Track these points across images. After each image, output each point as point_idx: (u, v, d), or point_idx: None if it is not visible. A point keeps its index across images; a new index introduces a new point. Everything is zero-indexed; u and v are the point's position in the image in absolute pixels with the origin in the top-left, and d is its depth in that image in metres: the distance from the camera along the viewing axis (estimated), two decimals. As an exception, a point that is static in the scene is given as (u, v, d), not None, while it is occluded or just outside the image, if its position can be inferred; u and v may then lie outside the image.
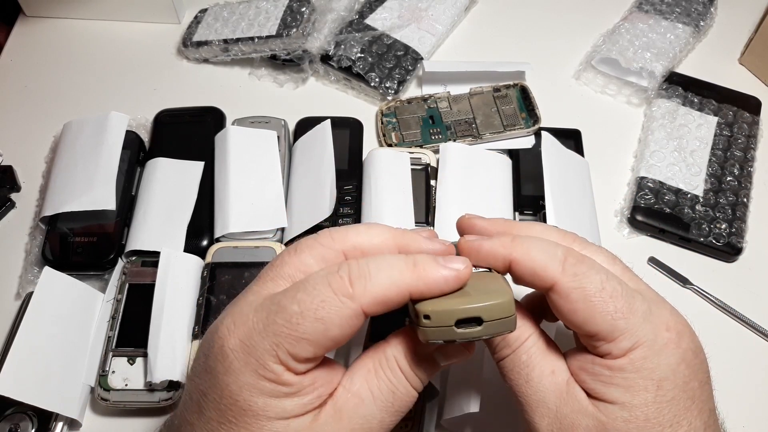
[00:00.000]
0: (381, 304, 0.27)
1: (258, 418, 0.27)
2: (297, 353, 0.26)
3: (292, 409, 0.27)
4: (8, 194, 0.58)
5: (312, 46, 0.63)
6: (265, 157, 0.56)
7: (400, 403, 0.29)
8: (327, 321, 0.26)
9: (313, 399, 0.28)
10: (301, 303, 0.27)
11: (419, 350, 0.30)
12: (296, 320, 0.26)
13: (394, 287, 0.27)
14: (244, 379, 0.26)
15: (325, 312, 0.26)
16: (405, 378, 0.29)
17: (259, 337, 0.26)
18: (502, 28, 0.70)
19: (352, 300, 0.27)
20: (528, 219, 0.54)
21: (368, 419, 0.28)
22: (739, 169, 0.58)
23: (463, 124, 0.60)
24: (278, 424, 0.27)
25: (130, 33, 0.70)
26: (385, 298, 0.27)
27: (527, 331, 0.31)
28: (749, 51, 0.67)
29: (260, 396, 0.26)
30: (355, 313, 0.27)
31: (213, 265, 0.50)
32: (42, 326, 0.45)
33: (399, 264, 0.28)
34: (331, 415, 0.28)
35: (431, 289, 0.28)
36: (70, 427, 0.46)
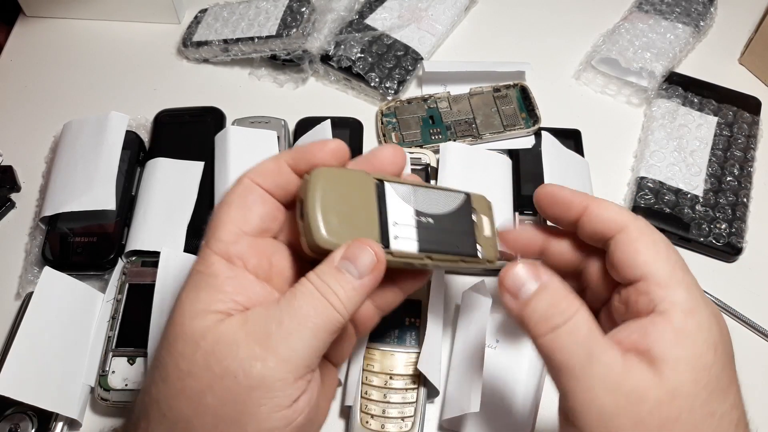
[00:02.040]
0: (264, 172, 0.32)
1: (176, 308, 0.29)
2: (220, 235, 0.31)
3: (204, 299, 0.29)
4: (8, 194, 0.58)
5: (312, 46, 0.63)
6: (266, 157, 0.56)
7: (301, 301, 0.28)
8: (225, 200, 0.32)
9: (227, 297, 0.29)
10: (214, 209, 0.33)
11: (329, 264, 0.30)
12: (212, 217, 0.32)
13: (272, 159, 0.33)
14: (185, 282, 0.30)
15: (224, 198, 0.32)
16: (310, 284, 0.29)
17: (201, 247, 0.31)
18: (502, 28, 0.70)
19: (239, 180, 0.32)
20: (528, 219, 0.54)
21: (268, 320, 0.28)
22: (739, 169, 0.58)
23: (463, 124, 0.60)
24: (188, 313, 0.28)
25: (130, 33, 0.70)
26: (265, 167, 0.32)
27: (577, 302, 0.29)
28: (749, 51, 0.67)
29: (185, 289, 0.29)
30: (243, 184, 0.32)
31: (213, 265, 0.50)
32: (42, 326, 0.45)
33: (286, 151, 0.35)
34: (237, 321, 0.28)
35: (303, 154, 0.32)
36: (70, 427, 0.46)
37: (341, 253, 0.30)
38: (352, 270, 0.29)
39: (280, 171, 0.32)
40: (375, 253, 0.30)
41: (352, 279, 0.29)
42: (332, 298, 0.29)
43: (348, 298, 0.29)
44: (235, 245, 0.30)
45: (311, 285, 0.29)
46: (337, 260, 0.30)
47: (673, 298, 0.28)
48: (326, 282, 0.29)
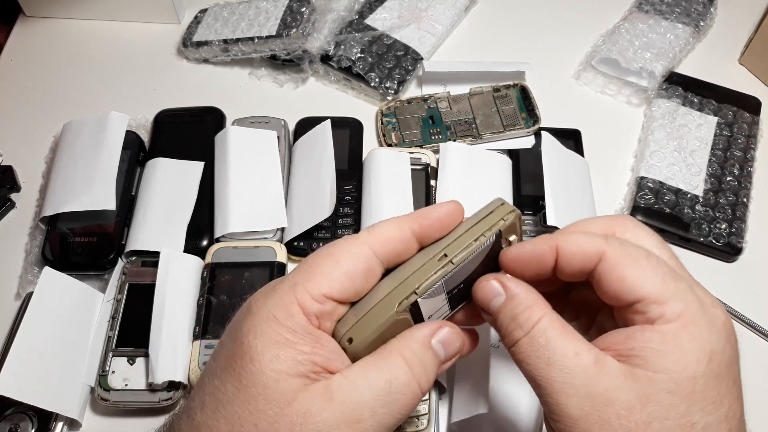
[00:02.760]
0: (385, 240, 0.30)
1: (253, 362, 0.27)
2: (311, 287, 0.28)
3: (285, 359, 0.27)
4: (8, 194, 0.58)
5: (312, 46, 0.63)
6: (265, 157, 0.56)
7: (397, 394, 0.28)
8: (336, 254, 0.29)
9: (306, 358, 0.27)
10: (315, 252, 0.30)
11: (422, 343, 0.30)
12: (309, 260, 0.29)
13: (394, 226, 0.30)
14: (254, 322, 0.28)
15: (334, 248, 0.30)
16: (406, 366, 0.28)
17: (279, 284, 0.29)
18: (502, 28, 0.70)
19: (357, 238, 0.30)
20: (528, 219, 0.54)
21: (359, 406, 0.27)
22: (739, 169, 0.58)
23: (463, 124, 0.60)
24: (269, 374, 0.27)
25: (130, 33, 0.70)
26: (387, 235, 0.30)
27: (539, 311, 0.29)
28: (749, 51, 0.67)
29: (262, 337, 0.27)
30: (360, 246, 0.29)
31: (213, 266, 0.50)
32: (42, 326, 0.45)
33: (398, 216, 0.31)
34: (321, 392, 0.27)
35: (430, 221, 0.31)
36: (70, 427, 0.46)
37: (433, 331, 0.30)
38: (441, 354, 0.30)
39: (402, 240, 0.31)
40: (461, 341, 0.30)
41: (440, 363, 0.30)
42: (425, 385, 0.29)
43: (432, 382, 0.29)
44: (321, 305, 0.29)
45: (406, 367, 0.28)
46: (435, 343, 0.30)
47: (670, 312, 0.27)
48: (425, 366, 0.29)
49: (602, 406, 0.26)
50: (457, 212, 0.31)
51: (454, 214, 0.31)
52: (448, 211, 0.31)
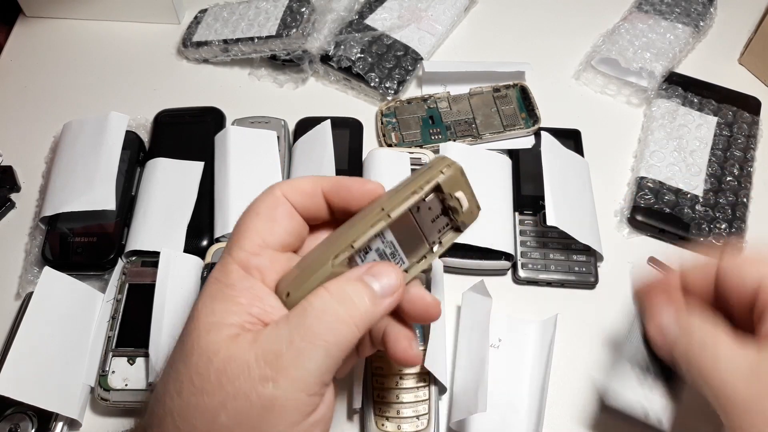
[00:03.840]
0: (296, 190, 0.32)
1: (192, 319, 0.28)
2: (243, 244, 0.30)
3: (219, 311, 0.28)
4: (8, 194, 0.58)
5: (312, 46, 0.63)
6: (265, 157, 0.56)
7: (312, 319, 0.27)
8: (253, 208, 0.31)
9: (242, 309, 0.28)
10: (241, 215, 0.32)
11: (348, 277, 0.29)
12: (237, 224, 0.31)
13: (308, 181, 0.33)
14: (202, 289, 0.30)
15: (253, 205, 0.32)
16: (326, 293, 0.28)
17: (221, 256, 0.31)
18: (502, 28, 0.70)
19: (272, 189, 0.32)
20: (528, 219, 0.54)
21: (277, 340, 0.27)
22: (739, 169, 0.58)
23: (462, 124, 0.60)
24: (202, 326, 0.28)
25: (130, 33, 0.70)
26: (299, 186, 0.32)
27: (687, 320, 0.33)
28: (749, 51, 0.67)
29: (202, 298, 0.29)
30: (275, 196, 0.31)
31: (213, 266, 0.50)
32: (42, 326, 0.45)
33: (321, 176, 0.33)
34: (248, 338, 0.27)
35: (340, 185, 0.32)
36: (70, 427, 0.46)
37: (364, 269, 0.29)
38: (375, 285, 0.29)
39: (314, 194, 0.32)
40: (398, 275, 0.30)
41: (374, 293, 0.29)
42: (352, 311, 0.28)
43: (366, 311, 0.28)
44: (257, 257, 0.30)
45: (328, 298, 0.28)
46: (362, 272, 0.29)
47: None
48: (347, 291, 0.28)
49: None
50: (374, 192, 0.32)
51: (371, 192, 0.32)
52: (362, 186, 0.32)
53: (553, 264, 0.52)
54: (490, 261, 0.52)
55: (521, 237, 0.53)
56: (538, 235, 0.53)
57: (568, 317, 0.49)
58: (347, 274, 0.29)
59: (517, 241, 0.53)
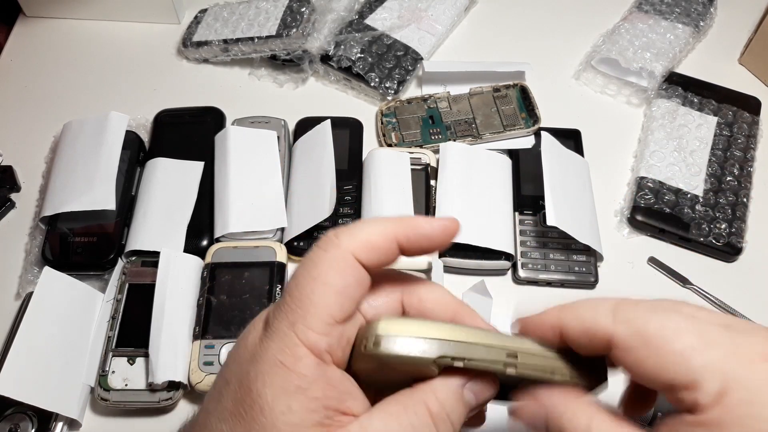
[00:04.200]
0: (369, 248, 0.27)
1: (263, 413, 0.25)
2: (310, 322, 0.26)
3: (297, 410, 0.25)
4: (8, 194, 0.58)
5: (312, 46, 0.63)
6: (265, 157, 0.56)
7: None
8: (322, 275, 0.26)
9: (319, 405, 0.26)
10: (297, 276, 0.27)
11: (453, 392, 0.28)
12: (296, 292, 0.26)
13: (379, 233, 0.27)
14: (262, 368, 0.26)
15: (317, 269, 0.26)
16: (430, 419, 0.26)
17: (276, 322, 0.26)
18: (502, 28, 0.70)
19: (338, 248, 0.27)
20: (528, 219, 0.54)
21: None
22: (739, 169, 0.58)
23: (462, 124, 0.60)
24: (282, 427, 0.25)
25: (130, 33, 0.70)
26: (371, 241, 0.27)
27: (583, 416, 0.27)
28: (749, 51, 0.67)
29: (271, 387, 0.25)
30: (344, 258, 0.26)
31: (213, 266, 0.50)
32: (42, 326, 0.45)
33: (385, 218, 0.28)
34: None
35: (418, 234, 0.28)
36: (70, 427, 0.46)
37: (465, 379, 0.27)
38: (472, 402, 0.27)
39: (388, 250, 0.28)
40: (496, 388, 0.28)
41: (468, 411, 0.27)
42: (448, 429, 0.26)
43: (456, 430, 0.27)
44: (327, 338, 0.26)
45: (429, 418, 0.26)
46: (467, 394, 0.27)
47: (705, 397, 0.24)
48: (452, 421, 0.27)
49: None
50: (452, 229, 0.29)
51: (449, 230, 0.29)
52: (442, 226, 0.28)
53: (553, 264, 0.52)
54: (490, 261, 0.52)
55: (521, 237, 0.53)
56: (538, 235, 0.53)
57: (568, 317, 0.49)
58: (450, 383, 0.27)
59: (517, 241, 0.53)
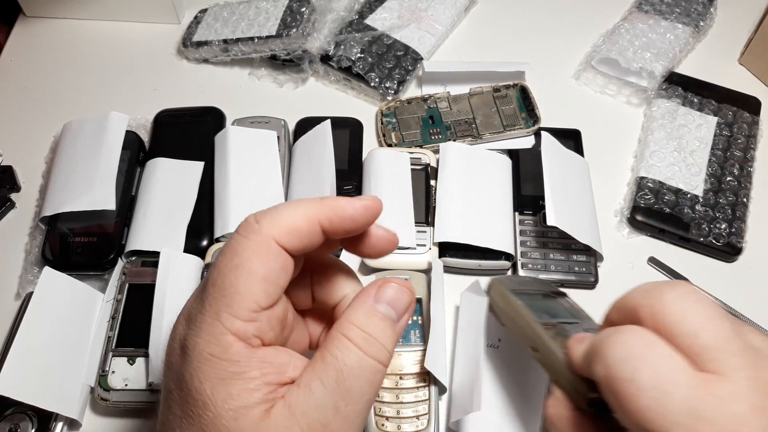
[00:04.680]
0: (291, 232, 0.27)
1: (207, 407, 0.25)
2: (236, 311, 0.25)
3: (237, 394, 0.25)
4: (8, 194, 0.58)
5: (312, 46, 0.63)
6: (265, 157, 0.56)
7: (351, 381, 0.26)
8: (244, 263, 0.26)
9: (258, 383, 0.25)
10: (218, 264, 0.26)
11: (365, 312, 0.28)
12: (219, 281, 0.26)
13: (301, 216, 0.27)
14: (194, 365, 0.26)
15: (239, 257, 0.26)
16: (353, 346, 0.26)
17: (200, 315, 0.26)
18: (502, 28, 0.70)
19: (259, 234, 0.26)
20: (528, 219, 0.54)
21: (320, 409, 0.25)
22: (739, 169, 0.58)
23: (463, 124, 0.60)
24: (227, 414, 0.25)
25: (130, 33, 0.70)
26: (293, 226, 0.27)
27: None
28: (749, 51, 0.67)
29: (207, 380, 0.25)
30: (266, 244, 0.26)
31: (213, 266, 0.50)
32: (42, 326, 0.45)
33: (306, 200, 0.28)
34: (282, 412, 0.25)
35: (341, 216, 0.27)
36: (70, 427, 0.46)
37: (373, 294, 0.28)
38: (392, 314, 0.28)
39: (311, 233, 0.27)
40: (406, 291, 0.28)
41: (394, 325, 0.28)
42: (381, 354, 0.26)
43: (392, 346, 0.27)
44: (253, 324, 0.26)
45: (357, 351, 0.26)
46: (380, 307, 0.28)
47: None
48: (372, 334, 0.27)
49: None
50: (374, 209, 0.29)
51: (372, 210, 0.29)
52: (364, 206, 0.28)
53: (553, 264, 0.52)
54: (490, 261, 0.52)
55: (521, 237, 0.53)
56: (538, 235, 0.53)
57: (568, 317, 0.49)
58: (360, 305, 0.28)
59: (517, 241, 0.53)
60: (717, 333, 0.25)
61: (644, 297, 0.27)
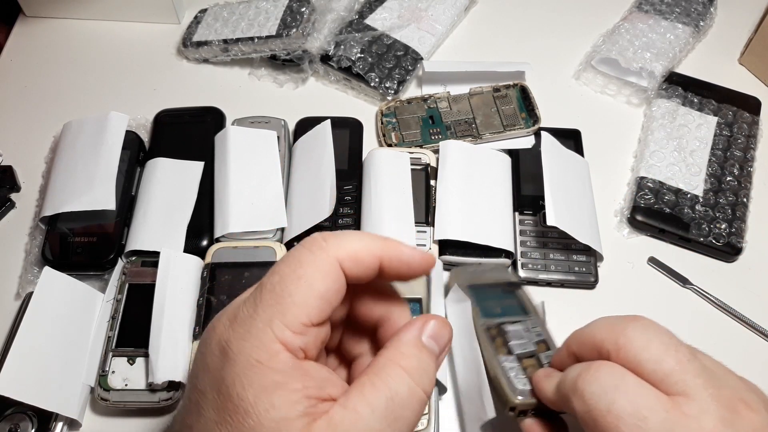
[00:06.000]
0: (354, 259, 0.27)
1: (249, 415, 0.25)
2: (289, 321, 0.26)
3: (280, 405, 0.25)
4: (8, 194, 0.58)
5: (312, 46, 0.63)
6: (265, 157, 0.56)
7: (401, 410, 0.26)
8: (306, 276, 0.26)
9: (300, 396, 0.26)
10: (280, 271, 0.27)
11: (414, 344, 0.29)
12: (279, 288, 0.26)
13: (365, 248, 0.28)
14: (237, 370, 0.26)
15: (303, 269, 0.27)
16: (405, 375, 0.27)
17: (250, 319, 0.26)
18: (502, 28, 0.70)
19: (326, 252, 0.27)
20: (528, 219, 0.54)
21: (365, 429, 0.25)
22: (739, 169, 0.58)
23: (462, 124, 0.60)
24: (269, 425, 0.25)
25: (130, 33, 0.70)
26: (357, 254, 0.28)
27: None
28: (749, 51, 0.67)
29: (250, 387, 0.25)
30: (330, 263, 0.27)
31: (213, 266, 0.50)
32: (42, 326, 0.45)
33: (371, 234, 0.29)
34: (324, 427, 0.25)
35: (400, 260, 0.29)
36: (70, 427, 0.46)
37: (421, 327, 0.29)
38: (435, 348, 0.29)
39: (370, 266, 0.28)
40: (448, 328, 0.30)
41: (436, 358, 0.29)
42: (429, 387, 0.27)
43: (434, 379, 0.28)
44: (302, 337, 0.26)
45: (407, 378, 0.27)
46: (426, 340, 0.29)
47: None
48: (422, 366, 0.28)
49: None
50: (430, 264, 0.30)
51: (428, 264, 0.30)
52: (423, 259, 0.30)
53: (553, 264, 0.52)
54: (489, 258, 0.52)
55: (521, 237, 0.53)
56: (538, 235, 0.53)
57: (568, 317, 0.49)
58: (409, 337, 0.28)
59: (517, 241, 0.53)
60: (678, 357, 0.28)
61: (608, 332, 0.30)
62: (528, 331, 0.38)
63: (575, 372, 0.30)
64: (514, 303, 0.41)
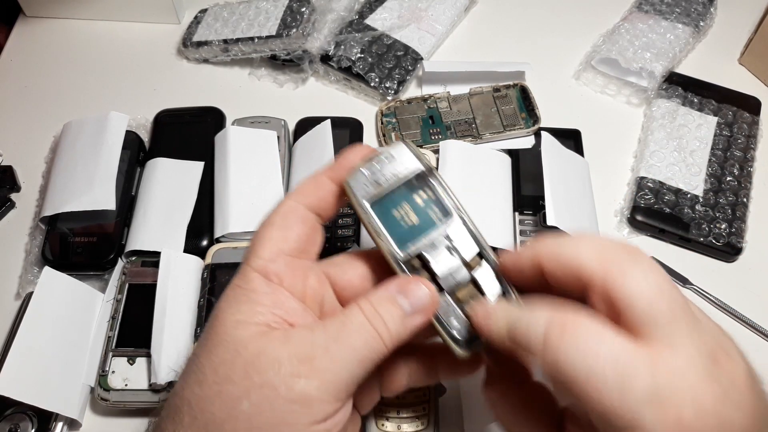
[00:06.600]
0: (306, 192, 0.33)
1: (216, 318, 0.30)
2: (260, 253, 0.31)
3: (244, 311, 0.29)
4: (8, 194, 0.58)
5: (312, 46, 0.63)
6: (265, 157, 0.56)
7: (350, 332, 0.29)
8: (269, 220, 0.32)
9: (266, 310, 0.29)
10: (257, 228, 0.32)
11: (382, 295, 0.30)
12: (253, 237, 0.32)
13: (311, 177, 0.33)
14: (222, 296, 0.31)
15: (268, 217, 0.32)
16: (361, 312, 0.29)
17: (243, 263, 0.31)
18: (502, 28, 0.70)
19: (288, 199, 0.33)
20: (528, 219, 0.54)
21: (313, 345, 0.28)
22: (739, 169, 0.58)
23: (463, 124, 0.60)
24: (229, 323, 0.29)
25: (130, 33, 0.70)
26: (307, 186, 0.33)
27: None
28: (749, 51, 0.67)
29: (225, 300, 0.30)
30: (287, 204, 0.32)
31: (213, 266, 0.50)
32: (42, 326, 0.45)
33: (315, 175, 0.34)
34: (279, 336, 0.28)
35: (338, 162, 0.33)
36: (70, 427, 0.46)
37: (398, 284, 0.30)
38: (405, 305, 0.30)
39: (319, 185, 0.33)
40: (428, 293, 0.30)
41: (404, 316, 0.30)
42: (382, 329, 0.29)
43: (397, 332, 0.30)
44: (273, 263, 0.31)
45: (363, 316, 0.29)
46: (394, 291, 0.30)
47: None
48: (379, 312, 0.29)
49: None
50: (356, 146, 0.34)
51: (355, 147, 0.34)
52: (350, 149, 0.33)
53: (553, 264, 0.52)
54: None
55: (521, 237, 0.53)
56: (539, 235, 0.53)
57: (568, 317, 0.49)
58: (381, 292, 0.30)
59: (517, 241, 0.53)
60: (671, 306, 0.25)
61: (599, 262, 0.26)
62: (454, 249, 0.31)
63: (540, 323, 0.26)
64: (431, 201, 0.32)
